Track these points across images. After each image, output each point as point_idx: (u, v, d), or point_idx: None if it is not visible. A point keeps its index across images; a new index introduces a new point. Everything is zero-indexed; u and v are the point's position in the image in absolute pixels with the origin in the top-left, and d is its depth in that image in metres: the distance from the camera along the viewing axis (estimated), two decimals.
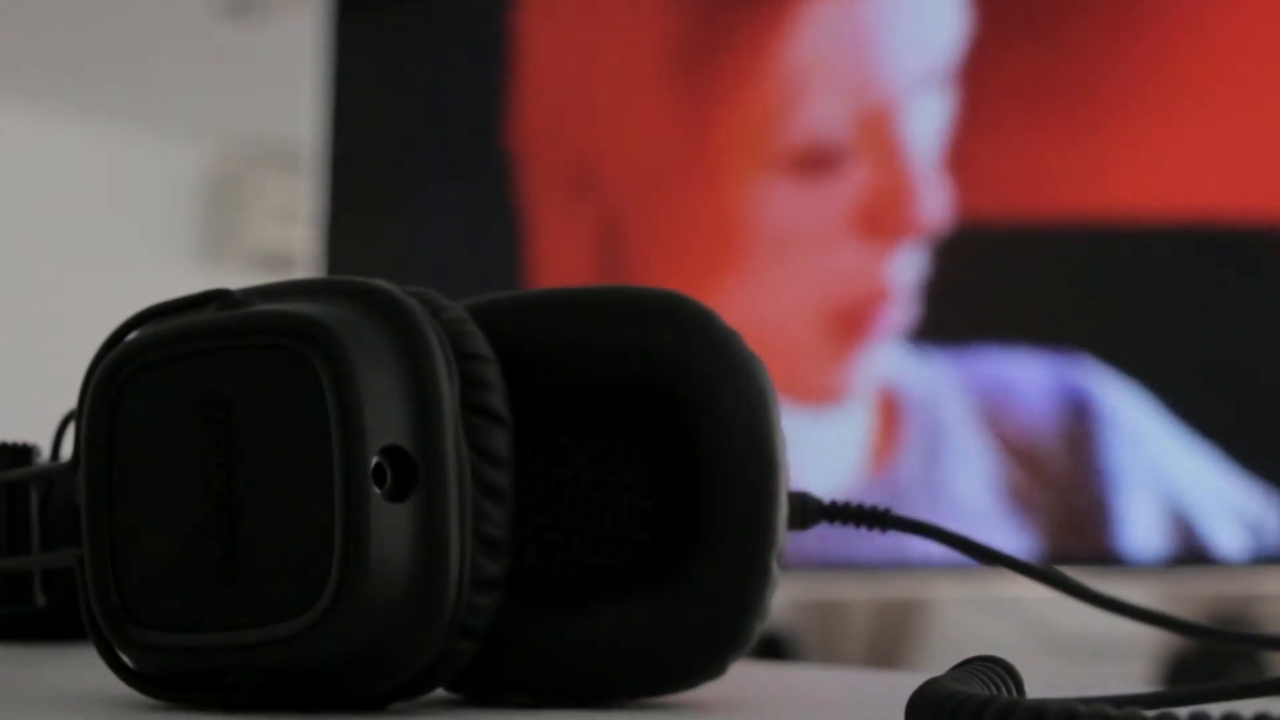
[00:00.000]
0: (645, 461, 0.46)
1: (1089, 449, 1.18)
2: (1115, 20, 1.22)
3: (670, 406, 0.45)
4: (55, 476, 0.45)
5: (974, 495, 1.22)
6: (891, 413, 1.26)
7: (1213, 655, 1.81)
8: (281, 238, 4.29)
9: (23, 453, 0.50)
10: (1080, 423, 1.18)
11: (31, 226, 4.09)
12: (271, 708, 0.41)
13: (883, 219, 1.29)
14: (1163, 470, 1.16)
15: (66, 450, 0.47)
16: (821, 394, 1.30)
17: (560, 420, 0.46)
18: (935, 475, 1.24)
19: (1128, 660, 1.92)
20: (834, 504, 0.50)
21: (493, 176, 1.60)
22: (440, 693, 0.47)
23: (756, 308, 1.34)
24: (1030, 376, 1.20)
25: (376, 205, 1.67)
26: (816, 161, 1.32)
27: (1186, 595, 1.85)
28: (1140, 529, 1.18)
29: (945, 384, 1.24)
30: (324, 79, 1.71)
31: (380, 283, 0.42)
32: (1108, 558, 1.19)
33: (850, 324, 1.29)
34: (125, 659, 0.42)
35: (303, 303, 0.41)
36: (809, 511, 0.49)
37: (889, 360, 1.26)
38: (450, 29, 1.64)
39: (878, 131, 1.31)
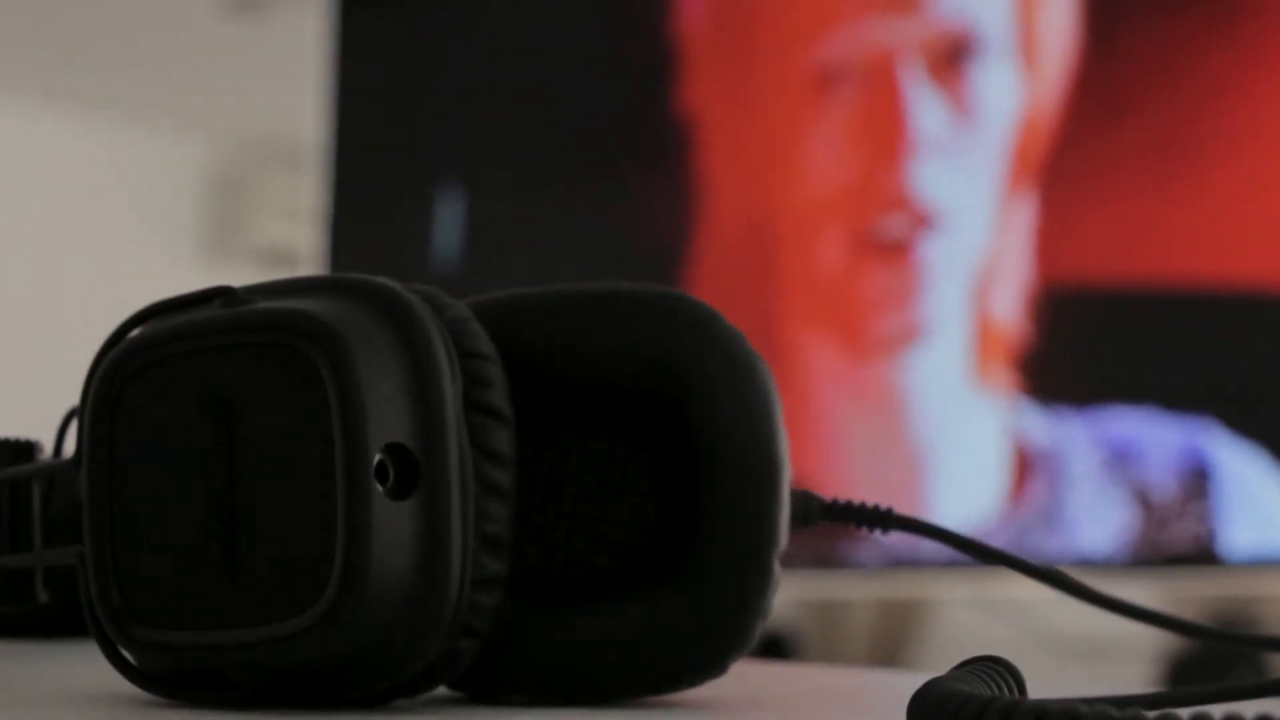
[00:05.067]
0: (647, 461, 0.46)
1: (1205, 505, 1.24)
2: (1242, 78, 1.25)
3: (672, 406, 0.45)
4: (58, 474, 0.45)
5: (1097, 539, 1.28)
6: (1024, 462, 1.33)
7: (1214, 656, 1.81)
8: (285, 235, 4.29)
9: (25, 450, 0.50)
10: (1199, 480, 1.24)
11: (34, 224, 4.09)
12: (273, 705, 0.41)
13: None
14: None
15: (69, 447, 0.47)
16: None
17: (563, 420, 0.46)
18: (1061, 518, 1.31)
19: (1129, 661, 1.92)
20: (835, 503, 0.50)
21: (495, 172, 1.60)
22: (442, 691, 0.47)
23: None
24: (1155, 437, 1.26)
25: (380, 202, 1.67)
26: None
27: (1188, 596, 1.85)
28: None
29: (1074, 440, 1.30)
30: (328, 76, 1.71)
31: (383, 281, 0.42)
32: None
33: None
34: (127, 656, 0.42)
35: (306, 300, 0.41)
36: (811, 511, 0.49)
37: (1023, 416, 1.33)
38: (453, 26, 1.64)
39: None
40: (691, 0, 1.50)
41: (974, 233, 1.34)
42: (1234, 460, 1.24)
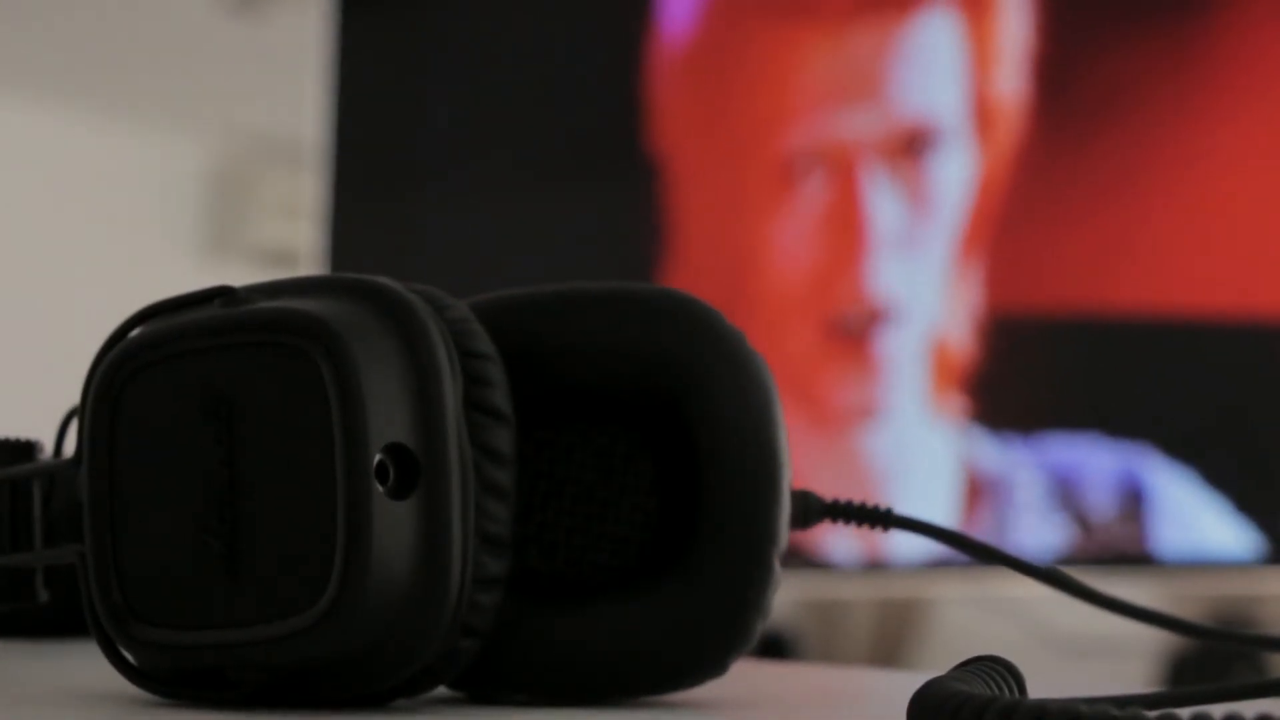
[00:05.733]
0: (648, 460, 0.46)
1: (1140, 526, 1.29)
2: (1176, 116, 1.32)
3: (673, 405, 0.45)
4: (58, 473, 0.45)
5: (1040, 557, 1.34)
6: (974, 487, 1.38)
7: (1214, 656, 1.81)
8: (285, 234, 4.29)
9: (25, 449, 0.50)
10: (1134, 503, 1.28)
11: (33, 222, 4.09)
12: (273, 705, 0.41)
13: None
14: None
15: (69, 447, 0.47)
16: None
17: (563, 419, 0.46)
18: (1008, 540, 1.36)
19: (1129, 660, 1.92)
20: (836, 502, 0.50)
21: (497, 172, 1.60)
22: (442, 690, 0.47)
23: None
24: (1095, 463, 1.32)
25: (380, 202, 1.67)
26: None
27: (1188, 595, 1.85)
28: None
29: (1020, 466, 1.35)
30: (327, 75, 1.71)
31: (383, 280, 0.42)
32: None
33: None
34: (127, 655, 0.42)
35: (305, 300, 0.41)
36: (811, 510, 0.49)
37: (974, 443, 1.38)
38: (453, 24, 1.64)
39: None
40: (665, 64, 1.51)
41: (930, 308, 1.40)
42: (1169, 484, 1.28)
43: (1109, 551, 1.30)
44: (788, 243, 1.42)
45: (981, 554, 0.51)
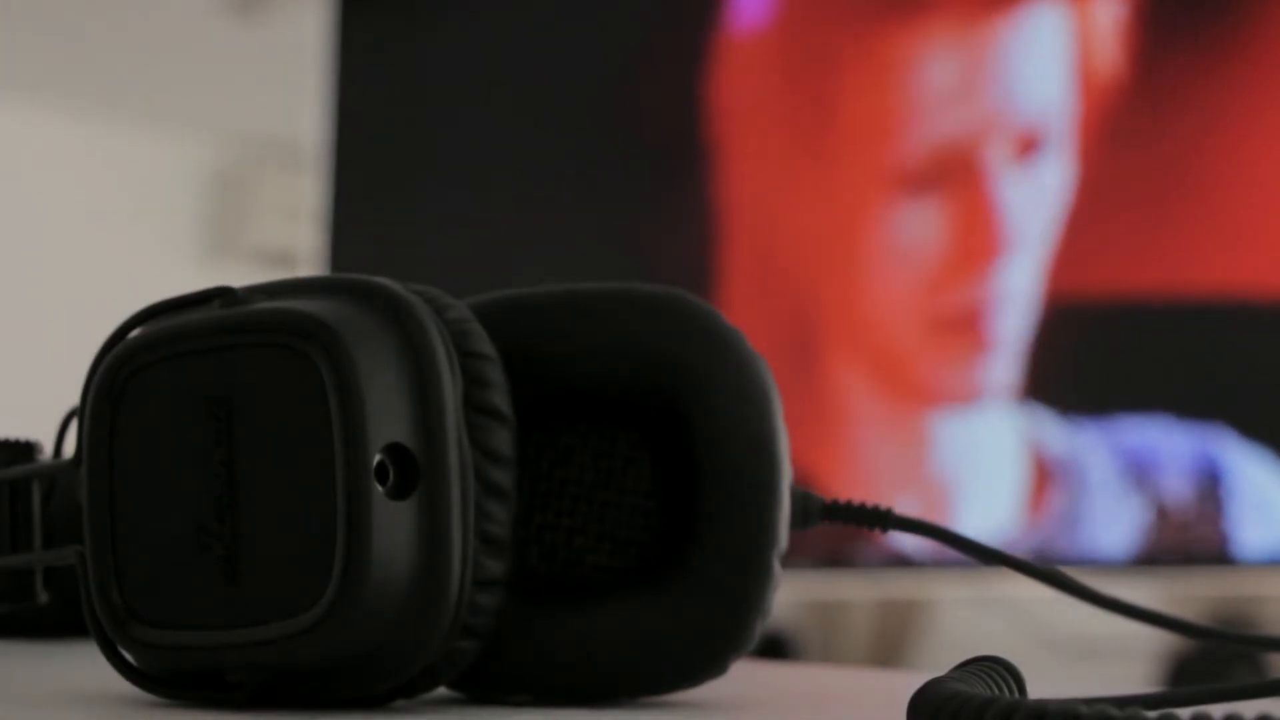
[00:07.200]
0: (648, 461, 0.46)
1: (1219, 511, 1.28)
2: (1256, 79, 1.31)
3: (672, 406, 0.45)
4: (58, 474, 0.45)
5: (1114, 547, 1.32)
6: (1043, 472, 1.36)
7: (1214, 656, 1.81)
8: (285, 235, 4.29)
9: (25, 450, 0.50)
10: (1212, 487, 1.27)
11: (34, 224, 4.09)
12: (273, 706, 0.41)
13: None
14: None
15: (69, 447, 0.47)
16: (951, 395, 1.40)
17: (563, 420, 0.46)
18: (1080, 527, 1.34)
19: (1129, 661, 1.92)
20: (835, 503, 0.50)
21: (497, 173, 1.60)
22: (442, 691, 0.47)
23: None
24: (1169, 445, 1.30)
25: (380, 203, 1.67)
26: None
27: (1188, 595, 1.85)
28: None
29: (1091, 450, 1.33)
30: (328, 76, 1.71)
31: (383, 281, 0.42)
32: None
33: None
34: (127, 656, 0.42)
35: (305, 300, 0.41)
36: (810, 510, 0.49)
37: (1042, 426, 1.36)
38: (453, 25, 1.64)
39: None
40: (729, 62, 1.49)
41: (1022, 299, 1.38)
42: (1246, 465, 1.27)
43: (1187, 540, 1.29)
44: (898, 243, 1.41)
45: (982, 554, 0.51)
